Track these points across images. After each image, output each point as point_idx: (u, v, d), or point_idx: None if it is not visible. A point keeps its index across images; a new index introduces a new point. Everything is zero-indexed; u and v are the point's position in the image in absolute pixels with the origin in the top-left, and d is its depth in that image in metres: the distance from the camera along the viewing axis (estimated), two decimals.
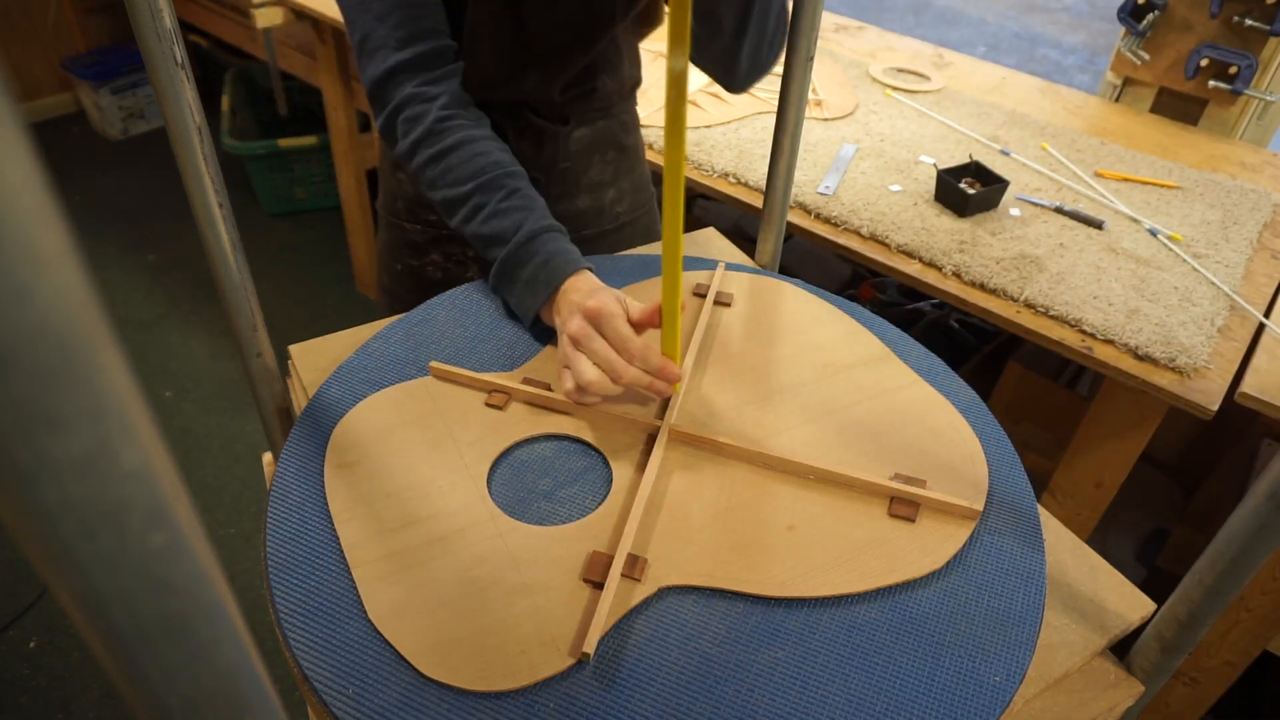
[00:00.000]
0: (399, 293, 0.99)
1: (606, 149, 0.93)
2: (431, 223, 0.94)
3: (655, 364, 0.61)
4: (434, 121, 0.73)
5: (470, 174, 0.72)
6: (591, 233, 0.97)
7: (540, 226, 0.71)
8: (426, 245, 0.95)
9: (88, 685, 1.46)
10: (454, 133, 0.74)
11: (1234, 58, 1.36)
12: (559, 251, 0.70)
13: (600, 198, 0.96)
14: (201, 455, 1.88)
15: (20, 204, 0.12)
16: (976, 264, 1.07)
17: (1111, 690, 0.55)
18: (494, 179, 0.72)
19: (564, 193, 0.93)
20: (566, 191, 0.93)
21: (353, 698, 0.46)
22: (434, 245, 0.95)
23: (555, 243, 0.70)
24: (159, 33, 0.51)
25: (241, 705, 0.19)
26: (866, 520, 0.58)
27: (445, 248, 0.95)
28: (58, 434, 0.13)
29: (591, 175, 0.94)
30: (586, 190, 0.95)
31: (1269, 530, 0.44)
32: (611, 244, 0.98)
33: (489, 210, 0.72)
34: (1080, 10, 3.12)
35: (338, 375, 0.67)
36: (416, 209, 0.94)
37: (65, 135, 3.00)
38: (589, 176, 0.94)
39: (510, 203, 0.72)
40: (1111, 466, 1.07)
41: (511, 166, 0.74)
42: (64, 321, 0.13)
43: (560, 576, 0.53)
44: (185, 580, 0.17)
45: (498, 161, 0.73)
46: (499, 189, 0.72)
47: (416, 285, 0.97)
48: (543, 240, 0.70)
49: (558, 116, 0.88)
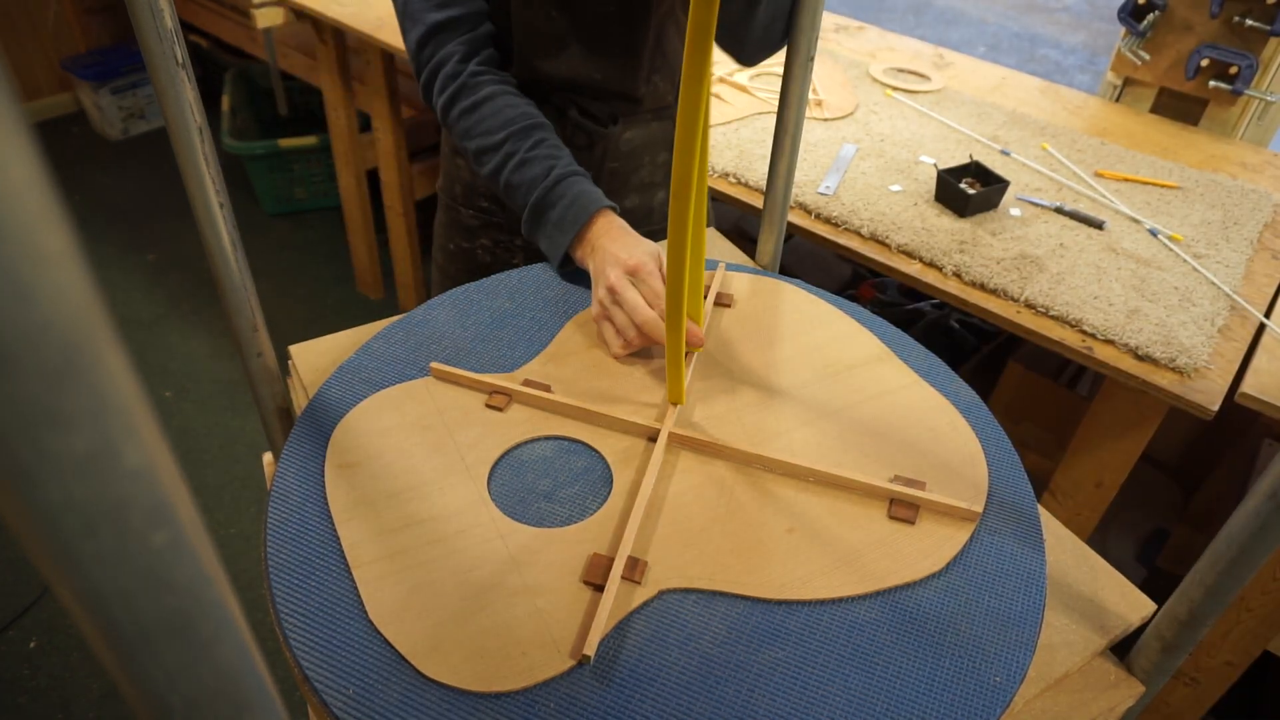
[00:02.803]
0: (450, 271, 1.05)
1: (658, 151, 0.96)
2: (483, 209, 0.98)
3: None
4: (468, 76, 0.80)
5: (501, 124, 0.78)
6: (640, 233, 0.98)
7: (566, 170, 0.76)
8: (478, 230, 1.00)
9: (88, 685, 1.46)
10: (486, 86, 0.80)
11: (1234, 58, 1.36)
12: (584, 193, 0.75)
13: (650, 198, 0.99)
14: (201, 455, 1.88)
15: (24, 203, 0.12)
16: (977, 264, 1.07)
17: (1111, 690, 0.55)
18: (524, 128, 0.78)
19: (612, 191, 0.95)
20: (614, 190, 0.95)
21: (353, 698, 0.46)
22: (484, 230, 1.00)
23: (581, 185, 0.76)
24: (160, 33, 0.51)
25: (243, 705, 0.19)
26: (866, 523, 0.58)
27: (495, 234, 1.00)
28: (61, 432, 0.13)
29: (641, 176, 0.97)
30: (635, 190, 0.97)
31: (1269, 530, 0.44)
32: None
33: (519, 158, 0.77)
34: (1080, 10, 3.12)
35: (338, 375, 0.67)
36: (471, 195, 0.98)
37: (65, 135, 3.00)
38: (639, 177, 0.96)
39: (539, 151, 0.77)
40: (1111, 466, 1.07)
41: (540, 119, 0.80)
42: (67, 320, 0.13)
43: (560, 578, 0.53)
44: (187, 579, 0.17)
45: (527, 114, 0.79)
46: (528, 137, 0.78)
47: (467, 266, 1.03)
48: (569, 183, 0.76)
49: (606, 117, 0.90)
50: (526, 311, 0.74)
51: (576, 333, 0.73)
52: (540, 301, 0.76)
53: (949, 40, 2.95)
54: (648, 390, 0.67)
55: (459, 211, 1.00)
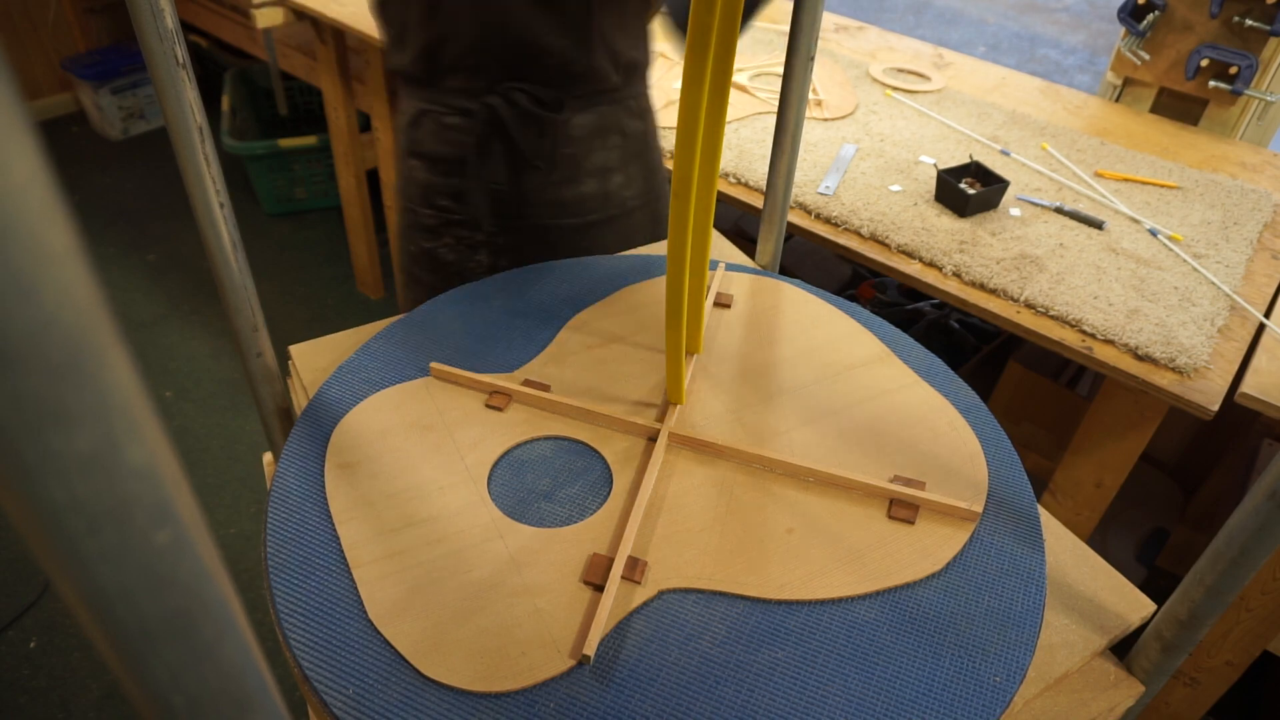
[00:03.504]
0: (415, 272, 1.03)
1: (609, 134, 0.95)
2: (443, 208, 0.97)
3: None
4: None
5: None
6: (598, 218, 0.98)
7: None
8: (439, 229, 0.98)
9: (88, 685, 1.46)
10: None
11: (1234, 58, 1.36)
12: None
13: (606, 183, 0.97)
14: (201, 455, 1.88)
15: (27, 201, 0.12)
16: (977, 264, 1.07)
17: (1111, 690, 0.55)
18: None
19: (568, 178, 0.94)
20: (570, 177, 0.94)
21: (353, 698, 0.46)
22: (445, 229, 0.98)
23: None
24: (160, 33, 0.51)
25: (245, 704, 0.19)
26: (866, 523, 0.58)
27: (456, 231, 0.98)
28: (64, 431, 0.13)
29: (595, 160, 0.95)
30: (591, 175, 0.96)
31: (1269, 530, 0.45)
32: (620, 229, 0.99)
33: None
34: (1080, 10, 3.12)
35: (338, 375, 0.67)
36: (430, 194, 0.97)
37: (65, 135, 3.00)
38: (592, 161, 0.95)
39: None
40: (1111, 466, 1.07)
41: None
42: (70, 319, 0.13)
43: (560, 578, 0.53)
44: (189, 577, 0.17)
45: None
46: None
47: (431, 266, 1.01)
48: None
49: (554, 103, 0.89)
50: (526, 311, 0.74)
51: (576, 333, 0.73)
52: (540, 301, 0.76)
53: (949, 40, 2.95)
54: (648, 390, 0.67)
55: (416, 213, 0.99)
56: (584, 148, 0.93)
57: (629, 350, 0.71)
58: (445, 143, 0.92)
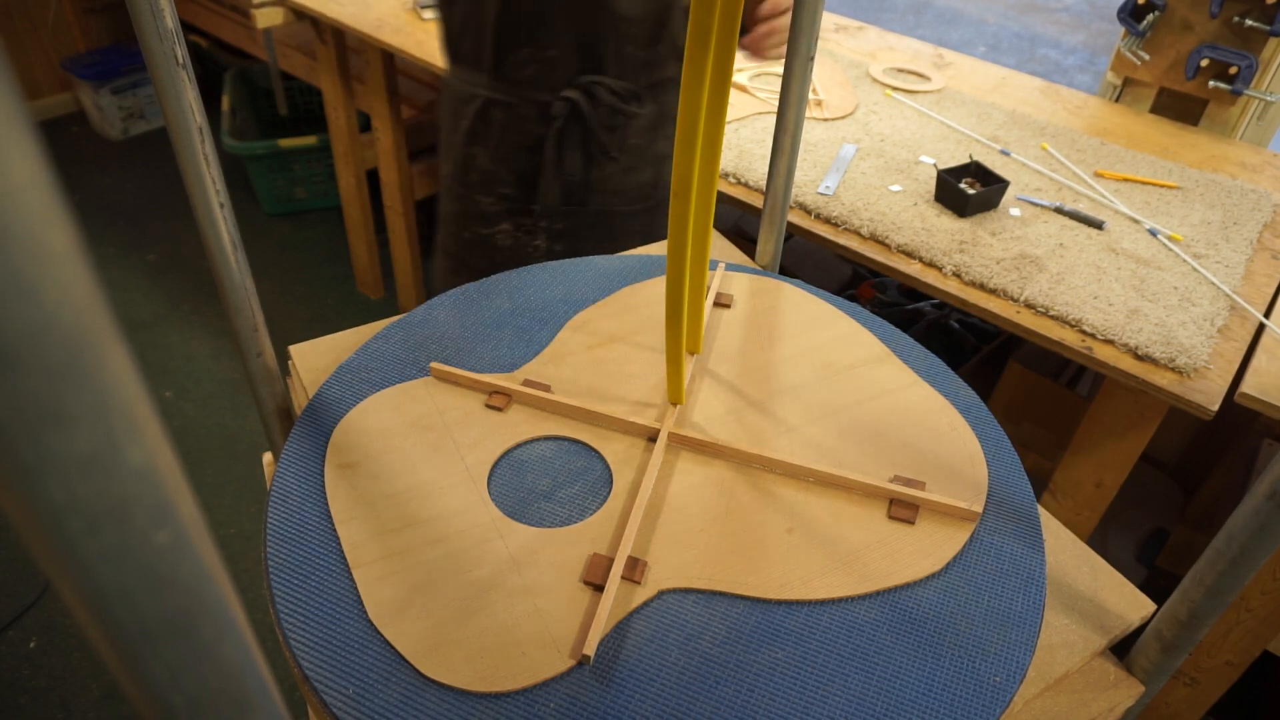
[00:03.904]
0: (465, 258, 1.05)
1: (668, 123, 0.98)
2: (505, 196, 0.99)
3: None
4: None
5: None
6: (649, 204, 1.01)
7: None
8: (498, 216, 1.01)
9: (88, 685, 1.46)
10: None
11: (1234, 58, 1.36)
12: None
13: (661, 171, 1.01)
14: (201, 455, 1.88)
15: (27, 201, 0.12)
16: (977, 264, 1.07)
17: (1111, 690, 0.55)
18: None
19: (632, 166, 0.97)
20: (635, 165, 0.97)
21: (353, 698, 0.46)
22: (506, 216, 1.00)
23: None
24: (160, 32, 0.51)
25: (245, 704, 0.19)
26: (866, 523, 0.58)
27: (517, 219, 1.00)
28: (63, 431, 0.13)
29: (658, 149, 0.99)
30: (651, 163, 0.99)
31: (1269, 530, 0.45)
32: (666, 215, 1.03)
33: None
34: (1080, 10, 3.12)
35: (338, 375, 0.67)
36: (493, 182, 0.99)
37: (65, 135, 3.00)
38: (655, 149, 0.99)
39: None
40: (1111, 466, 1.07)
41: None
42: (70, 319, 0.13)
43: (560, 578, 0.53)
44: (189, 577, 0.17)
45: None
46: None
47: (485, 252, 1.03)
48: None
49: (630, 96, 0.92)
50: (526, 311, 0.74)
51: (576, 333, 0.73)
52: (540, 301, 0.76)
53: (949, 40, 2.94)
54: (648, 390, 0.67)
55: (475, 200, 1.01)
56: (648, 137, 0.97)
57: (629, 350, 0.71)
58: (518, 133, 0.93)
